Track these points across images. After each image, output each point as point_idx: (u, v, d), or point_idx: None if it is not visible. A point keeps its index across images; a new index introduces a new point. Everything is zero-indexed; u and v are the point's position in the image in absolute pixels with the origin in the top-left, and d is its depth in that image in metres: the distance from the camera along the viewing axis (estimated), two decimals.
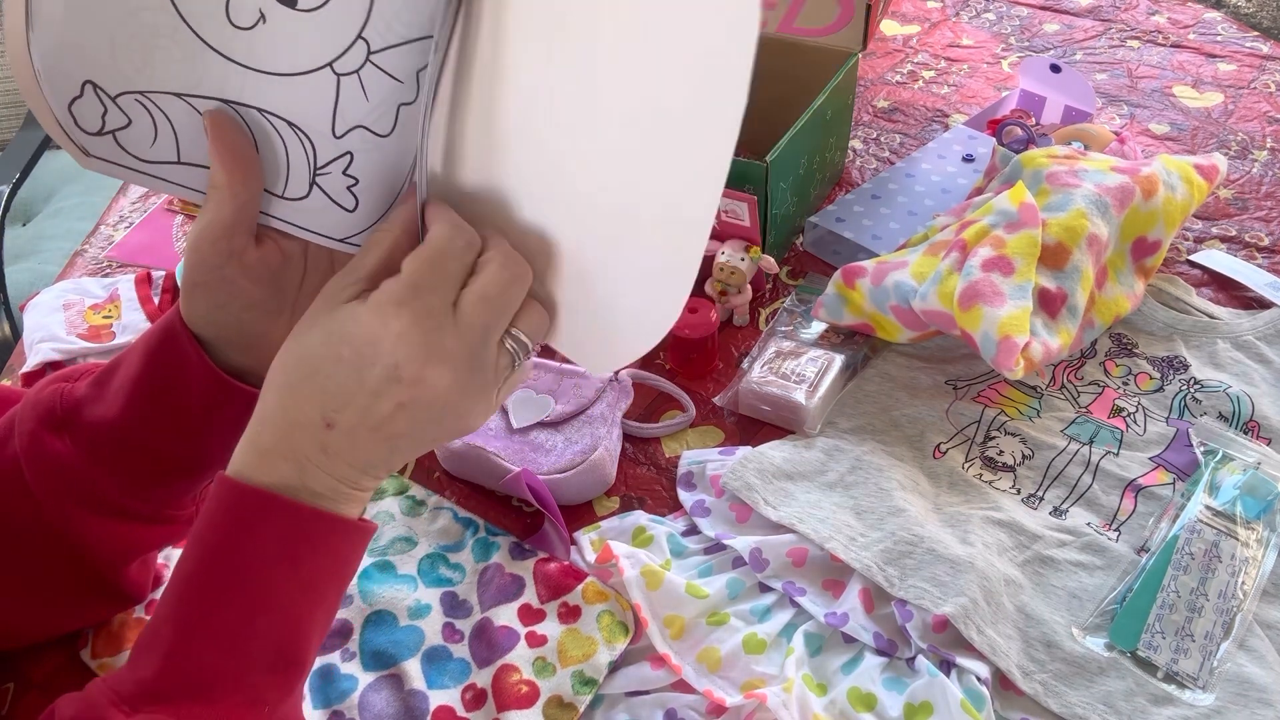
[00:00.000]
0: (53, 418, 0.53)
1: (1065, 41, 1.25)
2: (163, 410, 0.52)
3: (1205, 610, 0.61)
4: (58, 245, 1.40)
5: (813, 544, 0.65)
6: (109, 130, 0.44)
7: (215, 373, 0.51)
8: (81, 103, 0.43)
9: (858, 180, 1.02)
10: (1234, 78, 1.14)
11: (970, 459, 0.73)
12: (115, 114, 0.44)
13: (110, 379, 0.53)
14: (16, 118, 1.55)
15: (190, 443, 0.54)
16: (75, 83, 0.42)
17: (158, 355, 0.51)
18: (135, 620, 0.64)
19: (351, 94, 0.45)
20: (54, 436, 0.53)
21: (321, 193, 0.48)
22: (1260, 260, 0.89)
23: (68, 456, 0.52)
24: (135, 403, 0.52)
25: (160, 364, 0.51)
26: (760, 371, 0.77)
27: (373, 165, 0.48)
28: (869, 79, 1.21)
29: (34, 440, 0.53)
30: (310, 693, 0.60)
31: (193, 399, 0.52)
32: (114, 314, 0.90)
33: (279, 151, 0.46)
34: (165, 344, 0.51)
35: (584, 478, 0.70)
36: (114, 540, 0.56)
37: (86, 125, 0.44)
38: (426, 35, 0.45)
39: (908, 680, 0.59)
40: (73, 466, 0.52)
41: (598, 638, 0.62)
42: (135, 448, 0.53)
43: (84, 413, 0.53)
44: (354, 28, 0.43)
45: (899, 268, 0.76)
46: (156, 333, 0.52)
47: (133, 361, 0.52)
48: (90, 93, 0.43)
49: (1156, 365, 0.78)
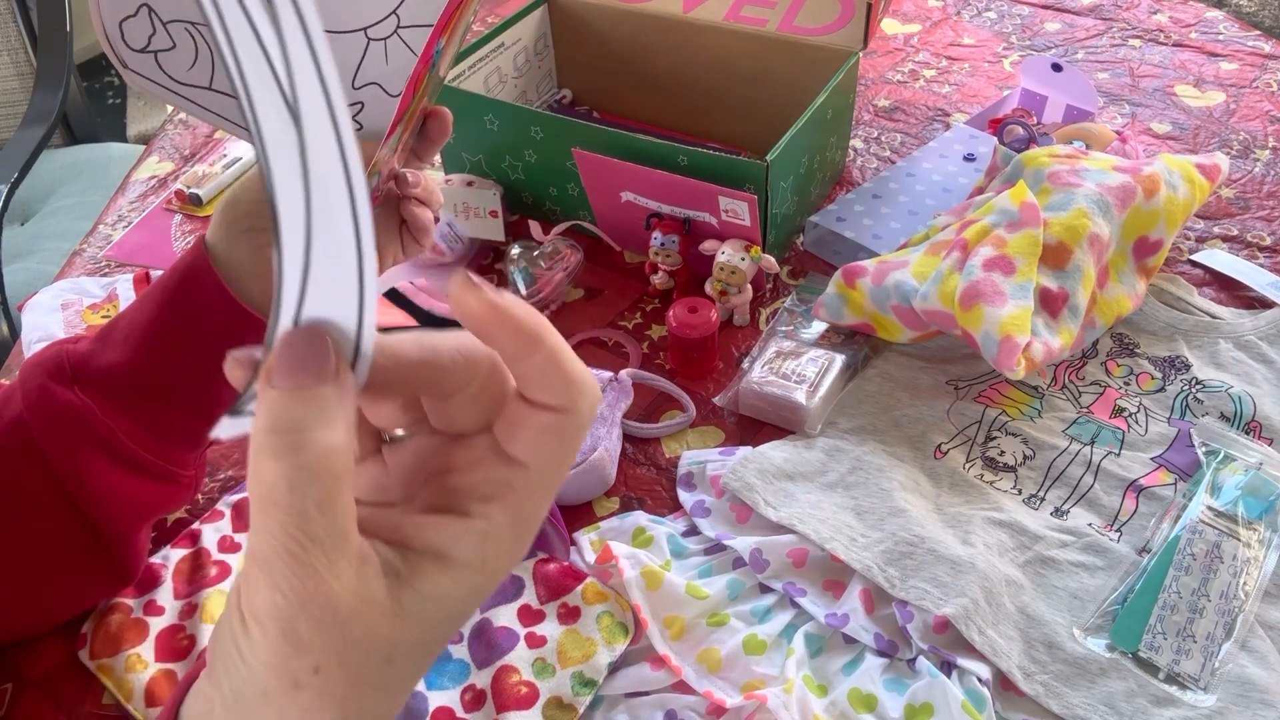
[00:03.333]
0: (61, 373, 0.54)
1: (1067, 40, 1.24)
2: (178, 348, 0.54)
3: (1207, 611, 0.61)
4: (56, 245, 1.40)
5: (813, 544, 0.65)
6: (152, 50, 0.48)
7: (234, 302, 0.54)
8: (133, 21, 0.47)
9: (858, 179, 1.02)
10: (1236, 77, 1.14)
11: (971, 459, 0.72)
12: (162, 36, 0.48)
13: (113, 332, 0.55)
14: (15, 117, 1.55)
15: (202, 382, 0.56)
16: (133, 4, 0.47)
17: (178, 291, 0.54)
18: (134, 620, 0.64)
19: (375, 56, 0.55)
20: (65, 389, 0.54)
21: None
22: (1262, 260, 0.89)
23: (80, 406, 0.54)
24: (149, 345, 0.54)
25: (179, 299, 0.54)
26: (760, 371, 0.76)
27: (376, 117, 0.57)
28: (870, 78, 1.20)
29: (43, 394, 0.54)
30: None
31: (210, 330, 0.54)
32: (112, 313, 0.90)
33: None
34: (186, 279, 0.54)
35: (584, 478, 0.70)
36: (120, 496, 0.57)
37: (133, 42, 0.48)
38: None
39: (908, 681, 0.58)
40: (86, 415, 0.54)
41: (597, 638, 0.61)
42: (148, 391, 0.55)
43: (93, 363, 0.55)
44: (393, 4, 0.53)
45: (900, 267, 0.76)
46: (174, 273, 0.55)
47: (145, 308, 0.55)
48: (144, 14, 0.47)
49: (1158, 365, 0.78)
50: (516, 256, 0.91)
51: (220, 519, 0.71)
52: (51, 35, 1.53)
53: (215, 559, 0.68)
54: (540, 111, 0.91)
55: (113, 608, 0.64)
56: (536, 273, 0.89)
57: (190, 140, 1.19)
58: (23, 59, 1.57)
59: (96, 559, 0.59)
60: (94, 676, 0.61)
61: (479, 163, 0.98)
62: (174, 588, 0.66)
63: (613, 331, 0.87)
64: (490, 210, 0.93)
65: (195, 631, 0.63)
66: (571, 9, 1.06)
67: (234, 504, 0.72)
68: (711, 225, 0.84)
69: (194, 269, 0.54)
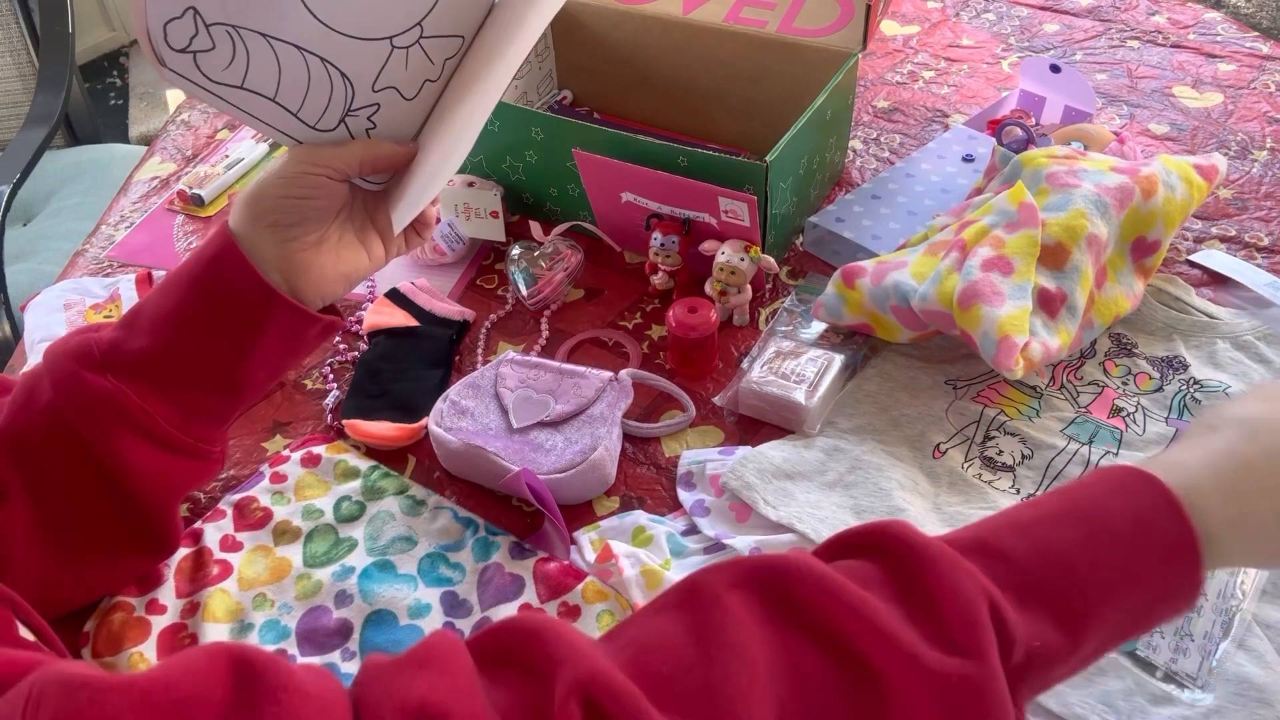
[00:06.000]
0: (91, 360, 0.56)
1: (1065, 42, 1.25)
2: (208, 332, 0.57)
3: (1204, 610, 0.61)
4: (58, 245, 1.40)
5: (812, 543, 0.65)
6: (192, 50, 0.50)
7: (266, 284, 0.56)
8: (178, 23, 0.49)
9: (857, 180, 1.02)
10: (1234, 78, 1.14)
11: (970, 459, 0.73)
12: (203, 38, 0.50)
13: (138, 319, 0.57)
14: (17, 118, 1.55)
15: (232, 363, 0.58)
16: (180, 5, 0.48)
17: (208, 276, 0.57)
18: (136, 619, 0.64)
19: (396, 62, 0.58)
20: (96, 375, 0.56)
21: (345, 129, 0.60)
22: (1260, 260, 0.89)
23: (114, 390, 0.56)
24: (180, 330, 0.56)
25: (211, 284, 0.57)
26: (760, 371, 0.77)
27: (390, 118, 0.61)
28: (869, 79, 1.21)
29: (75, 381, 0.56)
30: None
31: (240, 314, 0.57)
32: (115, 314, 0.90)
33: (325, 92, 0.57)
34: (216, 265, 0.56)
35: (584, 477, 0.70)
36: (155, 473, 0.59)
37: (174, 42, 0.49)
38: (460, 35, 0.61)
39: None
40: (120, 398, 0.56)
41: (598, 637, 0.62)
42: (178, 374, 0.57)
43: (122, 349, 0.57)
44: (419, 15, 0.57)
45: (899, 268, 0.77)
46: (200, 261, 0.57)
47: (172, 294, 0.57)
48: (190, 16, 0.49)
49: (1156, 365, 0.78)
50: (517, 257, 0.91)
51: (222, 518, 0.71)
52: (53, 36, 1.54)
53: (217, 558, 0.68)
54: (541, 112, 0.92)
55: (115, 606, 0.65)
56: (537, 273, 0.89)
57: (192, 141, 1.19)
58: (24, 60, 1.58)
59: (138, 532, 0.61)
60: None
61: (480, 163, 0.98)
62: (176, 586, 0.66)
63: (613, 331, 0.87)
64: (491, 211, 0.93)
65: (197, 630, 0.64)
66: (572, 10, 1.07)
67: (235, 503, 0.72)
68: (711, 226, 0.84)
69: (223, 254, 0.56)
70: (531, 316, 0.89)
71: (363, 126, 0.60)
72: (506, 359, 0.79)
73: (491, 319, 0.89)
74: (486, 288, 0.93)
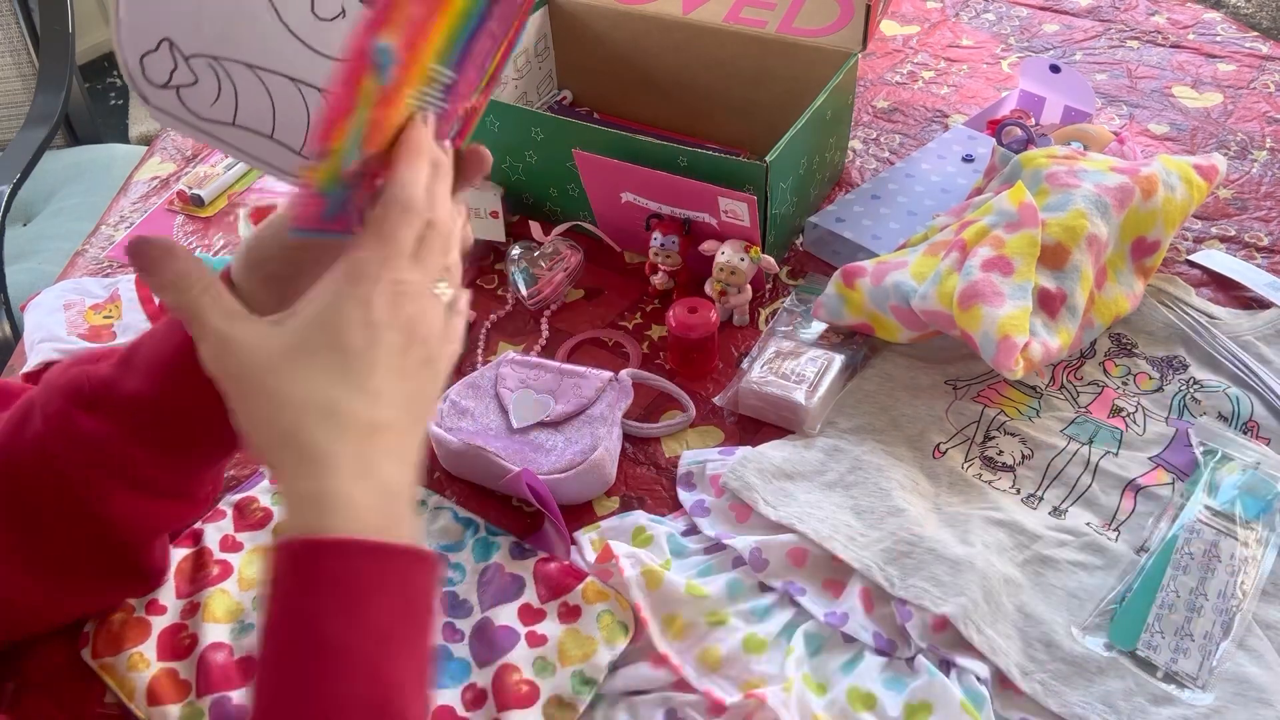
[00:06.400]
0: (81, 397, 0.55)
1: (1065, 42, 1.25)
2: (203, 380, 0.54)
3: (1204, 610, 0.61)
4: (58, 245, 1.40)
5: (813, 544, 0.65)
6: (174, 85, 0.48)
7: None
8: (154, 56, 0.46)
9: (857, 180, 1.02)
10: (1233, 78, 1.14)
11: (970, 459, 0.73)
12: (184, 72, 0.47)
13: (135, 358, 0.56)
14: (17, 118, 1.55)
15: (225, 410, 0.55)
16: (153, 38, 0.46)
17: None
18: (136, 620, 0.64)
19: None
20: (85, 415, 0.55)
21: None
22: (1260, 260, 0.89)
23: (101, 433, 0.55)
24: (174, 376, 0.54)
25: None
26: (760, 371, 0.77)
27: None
28: (869, 79, 1.21)
29: (64, 419, 0.55)
30: None
31: None
32: (114, 314, 0.90)
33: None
34: None
35: (584, 478, 0.70)
36: (140, 516, 0.58)
37: (153, 78, 0.47)
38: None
39: (907, 680, 0.59)
40: (106, 443, 0.55)
41: (598, 637, 0.62)
42: (170, 420, 0.56)
43: (116, 390, 0.55)
44: None
45: (899, 268, 0.77)
46: None
47: (171, 337, 0.55)
48: (165, 49, 0.46)
49: (1156, 365, 0.78)
50: (517, 257, 0.91)
51: (222, 518, 0.71)
52: (54, 36, 1.54)
53: (217, 558, 0.68)
54: (541, 113, 0.92)
55: (115, 607, 0.65)
56: (537, 273, 0.89)
57: (192, 141, 1.19)
58: (25, 60, 1.58)
59: (121, 569, 0.61)
60: (96, 676, 0.62)
61: None
62: (176, 587, 0.66)
63: (613, 331, 0.87)
64: (491, 211, 0.93)
65: (197, 630, 0.64)
66: (572, 11, 1.07)
67: (235, 503, 0.72)
68: (711, 226, 0.84)
69: None
70: (531, 316, 0.89)
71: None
72: (506, 359, 0.79)
73: (491, 319, 0.89)
74: (486, 288, 0.93)
